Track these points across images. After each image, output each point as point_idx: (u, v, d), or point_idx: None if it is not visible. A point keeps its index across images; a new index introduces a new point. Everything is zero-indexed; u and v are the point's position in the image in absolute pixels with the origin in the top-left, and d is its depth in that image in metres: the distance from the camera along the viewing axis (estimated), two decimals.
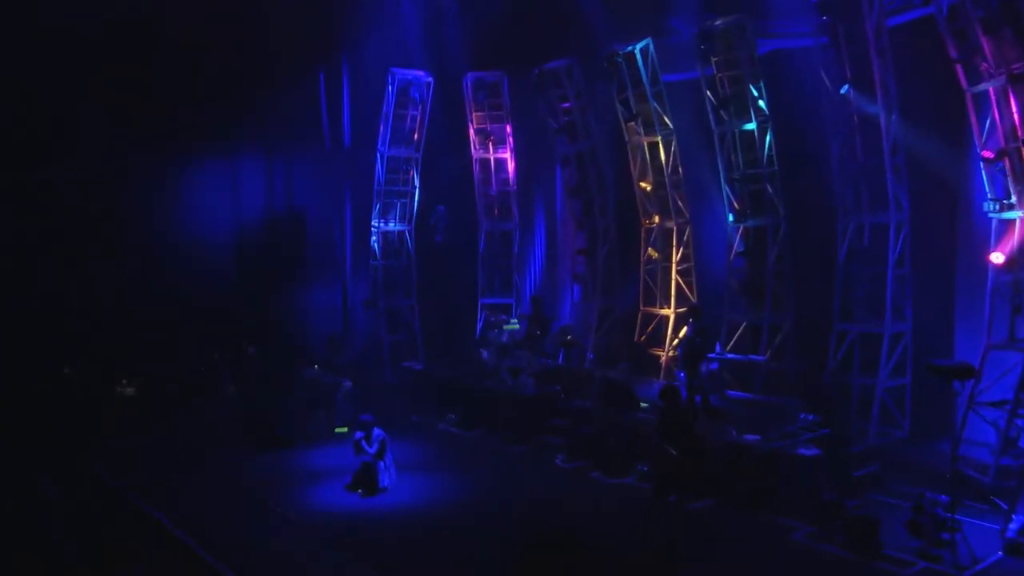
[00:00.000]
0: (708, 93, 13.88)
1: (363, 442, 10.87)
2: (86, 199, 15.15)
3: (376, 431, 10.99)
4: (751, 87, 13.29)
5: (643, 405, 12.14)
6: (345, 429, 13.45)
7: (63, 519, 8.89)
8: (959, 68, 10.47)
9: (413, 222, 18.50)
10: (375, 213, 18.19)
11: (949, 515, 8.51)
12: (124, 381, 15.74)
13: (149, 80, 15.23)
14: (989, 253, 10.57)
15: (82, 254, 15.34)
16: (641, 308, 16.10)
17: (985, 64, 10.10)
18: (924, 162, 11.81)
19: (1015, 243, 10.28)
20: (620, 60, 15.14)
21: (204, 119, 16.32)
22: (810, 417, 10.63)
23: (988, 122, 10.38)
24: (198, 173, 16.61)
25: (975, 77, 10.39)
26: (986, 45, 9.92)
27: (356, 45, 17.36)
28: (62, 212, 15.08)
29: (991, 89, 10.15)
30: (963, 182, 11.75)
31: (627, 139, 15.93)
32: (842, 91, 11.98)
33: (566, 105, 16.72)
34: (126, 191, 15.70)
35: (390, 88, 17.49)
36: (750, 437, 10.30)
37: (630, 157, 15.96)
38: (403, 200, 18.40)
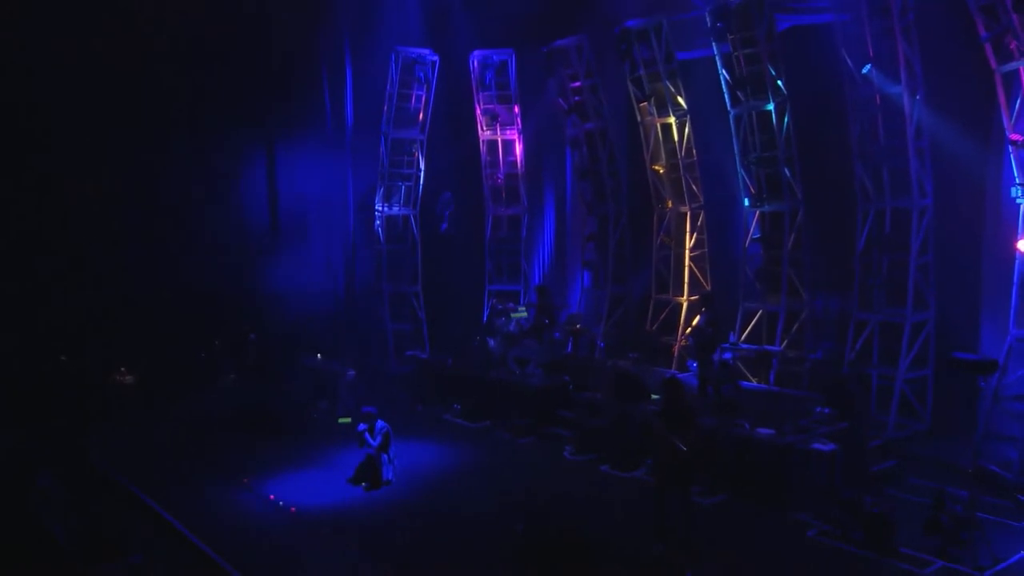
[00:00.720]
0: (724, 72, 13.73)
1: (366, 434, 10.92)
2: (85, 185, 15.22)
3: (379, 423, 11.04)
4: (769, 66, 13.12)
5: (654, 396, 12.13)
6: (348, 420, 13.52)
7: (61, 511, 9.00)
8: (988, 47, 10.30)
9: (418, 206, 18.46)
10: (379, 197, 18.16)
11: (970, 512, 8.48)
12: (123, 370, 15.86)
13: (148, 67, 15.26)
14: (1017, 240, 10.45)
15: (80, 241, 15.42)
16: (653, 295, 16.06)
17: (1016, 43, 9.94)
18: (949, 145, 11.66)
19: None
20: (633, 37, 14.99)
21: (204, 100, 16.28)
22: (826, 411, 10.59)
23: (1018, 103, 10.24)
24: (198, 159, 16.59)
25: (1005, 56, 10.22)
26: (1017, 23, 9.75)
27: (359, 23, 17.23)
28: (60, 198, 15.16)
29: (1021, 69, 9.99)
30: (990, 166, 11.60)
31: (640, 120, 15.82)
32: (864, 70, 11.83)
33: (576, 84, 16.58)
34: (125, 177, 15.73)
35: (394, 67, 17.40)
36: (764, 431, 10.27)
37: (643, 139, 15.86)
38: (408, 183, 18.35)
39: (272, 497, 10.41)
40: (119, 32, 14.61)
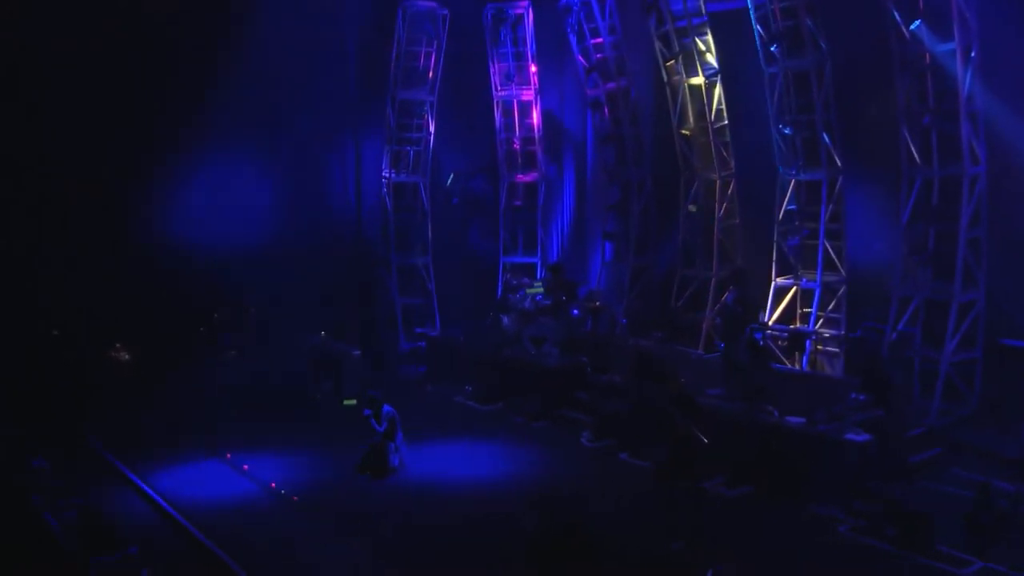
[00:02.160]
0: (758, 27, 13.44)
1: (372, 420, 11.03)
2: (82, 161, 15.40)
3: (386, 408, 11.14)
4: (807, 20, 12.81)
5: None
6: (354, 402, 13.68)
7: (56, 500, 9.22)
8: None
9: (428, 173, 18.38)
10: (386, 163, 18.11)
11: (1016, 508, 8.43)
12: (118, 346, 16.09)
13: (150, 43, 15.40)
14: None
15: (77, 216, 15.62)
16: (679, 270, 15.95)
17: None
18: (1005, 109, 11.38)
19: None
20: None
21: (204, 67, 16.27)
22: (862, 397, 10.51)
23: None
24: (199, 126, 16.61)
25: None
26: None
27: None
28: (58, 175, 15.38)
29: None
30: None
31: (666, 80, 15.58)
32: (913, 26, 11.52)
33: (598, 41, 16.37)
34: (123, 152, 15.85)
35: (400, 23, 17.23)
36: (793, 419, 10.24)
37: (669, 100, 15.63)
38: (416, 148, 18.26)
39: (273, 485, 10.59)
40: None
